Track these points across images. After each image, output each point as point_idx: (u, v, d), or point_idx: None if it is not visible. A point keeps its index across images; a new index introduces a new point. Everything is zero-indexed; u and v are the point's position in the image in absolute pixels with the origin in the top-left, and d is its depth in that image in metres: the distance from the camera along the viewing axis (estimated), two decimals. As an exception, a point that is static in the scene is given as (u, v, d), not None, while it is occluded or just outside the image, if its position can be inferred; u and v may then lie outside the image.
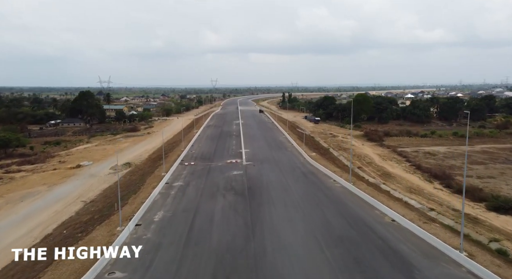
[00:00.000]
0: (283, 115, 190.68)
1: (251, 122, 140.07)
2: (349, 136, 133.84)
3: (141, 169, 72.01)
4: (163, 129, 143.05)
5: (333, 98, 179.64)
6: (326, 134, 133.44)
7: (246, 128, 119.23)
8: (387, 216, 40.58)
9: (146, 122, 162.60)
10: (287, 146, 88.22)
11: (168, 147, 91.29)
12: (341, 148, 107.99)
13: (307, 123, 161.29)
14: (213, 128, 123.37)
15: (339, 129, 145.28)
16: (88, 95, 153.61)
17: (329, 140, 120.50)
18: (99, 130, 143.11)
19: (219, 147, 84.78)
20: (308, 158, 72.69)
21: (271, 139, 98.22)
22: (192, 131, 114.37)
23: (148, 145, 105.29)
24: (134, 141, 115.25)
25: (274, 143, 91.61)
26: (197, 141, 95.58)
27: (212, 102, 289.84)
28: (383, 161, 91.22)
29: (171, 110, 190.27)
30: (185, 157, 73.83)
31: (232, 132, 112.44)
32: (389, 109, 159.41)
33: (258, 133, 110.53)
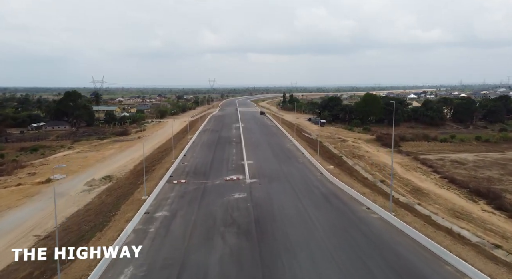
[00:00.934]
0: (285, 117, 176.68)
1: (253, 126, 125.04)
2: (360, 140, 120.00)
3: (121, 186, 57.81)
4: (156, 132, 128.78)
5: (338, 99, 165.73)
6: (334, 138, 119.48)
7: (247, 132, 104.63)
8: (461, 272, 26.81)
9: (138, 125, 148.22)
10: (297, 156, 73.71)
11: (156, 157, 77.20)
12: (355, 155, 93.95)
13: (311, 126, 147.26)
14: (210, 133, 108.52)
15: (348, 133, 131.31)
16: (74, 95, 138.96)
17: (339, 145, 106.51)
18: (86, 134, 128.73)
19: (217, 158, 70.21)
20: (326, 173, 58.40)
21: (278, 147, 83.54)
22: (186, 137, 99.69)
23: (136, 153, 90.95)
24: (121, 147, 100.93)
25: (282, 152, 77.05)
26: (191, 149, 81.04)
27: (210, 103, 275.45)
28: (407, 172, 77.23)
29: (165, 112, 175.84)
30: (175, 172, 59.40)
31: (231, 138, 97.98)
32: (400, 111, 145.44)
33: (261, 139, 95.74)
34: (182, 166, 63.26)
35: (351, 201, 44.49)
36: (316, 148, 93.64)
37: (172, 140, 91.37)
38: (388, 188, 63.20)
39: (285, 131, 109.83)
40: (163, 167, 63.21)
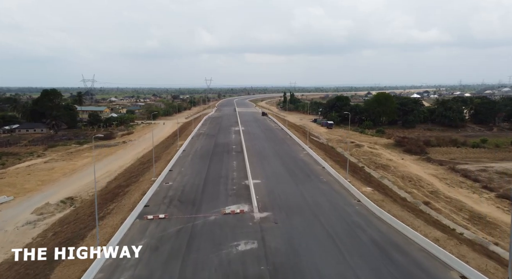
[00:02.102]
0: (287, 118, 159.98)
1: (255, 129, 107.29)
2: (377, 145, 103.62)
3: (78, 218, 41.08)
4: (144, 136, 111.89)
5: (347, 98, 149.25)
6: (346, 143, 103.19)
7: (249, 138, 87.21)
8: None
9: (125, 127, 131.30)
10: (317, 172, 55.86)
11: (136, 171, 60.42)
12: (378, 165, 77.45)
13: (318, 128, 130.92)
14: (205, 139, 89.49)
15: (360, 136, 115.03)
16: (53, 95, 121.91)
17: (354, 151, 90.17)
18: (65, 138, 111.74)
19: (212, 175, 52.04)
20: (365, 200, 40.73)
21: (289, 158, 66.01)
22: (175, 144, 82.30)
23: (115, 163, 74.16)
24: (100, 154, 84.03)
25: (296, 166, 59.46)
26: (180, 161, 62.22)
27: (206, 103, 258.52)
28: (451, 189, 60.69)
29: (158, 112, 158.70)
30: (153, 198, 41.60)
31: (230, 145, 79.27)
32: (416, 111, 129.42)
33: (267, 146, 78.31)
34: (164, 188, 45.78)
35: (426, 259, 27.61)
36: (335, 157, 76.77)
37: (160, 150, 74.73)
38: (428, 208, 46.59)
39: (294, 136, 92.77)
40: (139, 189, 46.18)
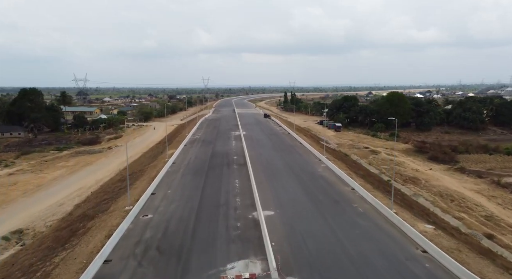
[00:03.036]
0: (290, 119, 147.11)
1: (258, 134, 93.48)
2: (396, 152, 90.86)
3: (19, 268, 28.05)
4: (133, 141, 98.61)
5: (355, 99, 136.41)
6: (360, 148, 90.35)
7: (252, 146, 74.12)
8: None
9: (114, 130, 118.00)
10: (347, 196, 42.13)
11: (112, 191, 47.20)
12: (404, 177, 64.65)
13: (325, 131, 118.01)
14: (200, 147, 74.97)
15: (373, 140, 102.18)
16: (33, 94, 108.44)
17: (372, 159, 77.29)
18: (45, 143, 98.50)
19: (207, 203, 38.53)
20: (437, 251, 26.87)
21: (306, 174, 51.78)
22: (164, 153, 68.69)
23: (91, 177, 60.98)
24: (76, 165, 70.83)
25: (318, 187, 45.43)
26: (167, 179, 48.04)
27: (203, 103, 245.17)
28: (509, 213, 48.06)
29: (150, 114, 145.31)
30: (122, 244, 28.18)
31: (230, 155, 65.31)
32: (432, 113, 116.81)
33: (275, 157, 64.56)
34: (140, 225, 31.75)
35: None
36: (357, 169, 62.84)
37: (146, 160, 61.45)
38: (506, 251, 33.17)
39: (305, 143, 79.06)
40: (105, 225, 32.85)
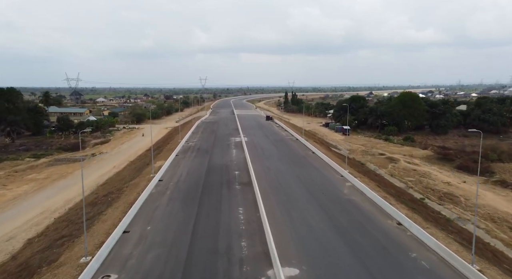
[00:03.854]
0: (292, 121, 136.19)
1: (262, 140, 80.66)
2: (415, 159, 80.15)
3: None
4: (120, 147, 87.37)
5: (363, 99, 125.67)
6: (374, 154, 79.46)
7: (257, 156, 61.28)
8: None
9: (102, 134, 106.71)
10: (394, 235, 28.74)
11: (73, 225, 36.10)
12: (436, 192, 53.81)
13: (331, 134, 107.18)
14: (194, 157, 61.31)
15: (387, 145, 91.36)
16: (10, 95, 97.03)
17: (391, 169, 66.27)
18: (23, 149, 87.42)
19: (199, 252, 25.39)
20: None
21: (332, 199, 38.63)
22: (150, 167, 56.66)
23: (63, 194, 49.74)
24: (50, 176, 59.53)
25: (354, 223, 32.09)
26: (147, 207, 35.40)
27: (201, 104, 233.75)
28: None
29: (143, 115, 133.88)
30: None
31: (231, 169, 51.72)
32: (449, 114, 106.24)
33: (286, 172, 51.10)
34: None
35: None
36: (390, 187, 51.55)
37: (129, 174, 50.16)
38: None
39: (318, 152, 67.06)
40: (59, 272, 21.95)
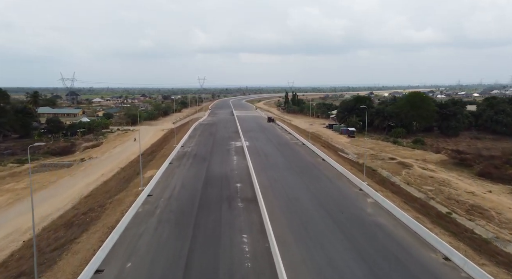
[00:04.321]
0: (294, 122, 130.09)
1: (265, 146, 73.44)
2: (430, 164, 74.01)
3: None
4: (112, 151, 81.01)
5: (369, 99, 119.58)
6: (384, 159, 73.41)
7: (261, 164, 54.76)
8: None
9: (95, 136, 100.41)
10: (443, 275, 23.41)
11: (45, 251, 29.98)
12: (462, 204, 47.71)
13: (336, 136, 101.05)
14: (190, 166, 54.71)
15: (396, 148, 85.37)
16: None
17: (406, 175, 60.08)
18: (7, 152, 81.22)
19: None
20: None
21: (355, 222, 32.35)
22: (139, 178, 49.81)
23: (44, 206, 43.50)
24: (30, 187, 53.14)
25: (385, 255, 25.94)
26: (130, 234, 28.49)
27: (199, 104, 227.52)
28: None
29: (139, 116, 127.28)
30: None
31: (231, 181, 45.51)
32: (460, 116, 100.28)
33: (295, 185, 44.00)
34: None
35: None
36: (417, 204, 44.90)
37: (116, 185, 43.85)
38: None
39: (330, 160, 58.51)
40: None
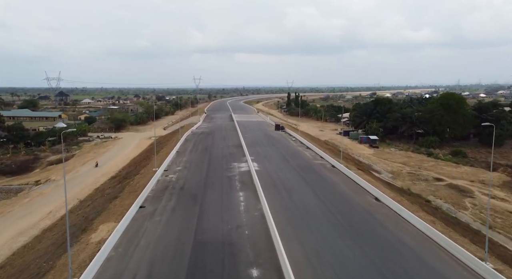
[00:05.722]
0: (301, 128, 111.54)
1: (280, 169, 49.23)
2: (495, 189, 56.07)
3: None
4: (78, 171, 62.41)
5: (390, 101, 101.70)
6: (428, 180, 55.48)
7: (283, 208, 31.69)
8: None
9: (67, 146, 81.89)
10: None
11: None
12: None
13: (355, 146, 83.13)
14: (170, 216, 31.06)
15: (436, 163, 67.74)
16: None
17: (472, 208, 42.51)
18: None
19: None
20: None
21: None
22: (102, 219, 31.74)
23: None
24: None
25: None
26: None
27: (194, 105, 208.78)
28: None
29: (124, 121, 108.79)
30: None
31: (239, 256, 23.49)
32: (504, 121, 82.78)
33: (358, 263, 23.25)
34: None
35: None
36: None
37: (59, 239, 25.94)
38: None
39: (390, 201, 34.46)
40: None
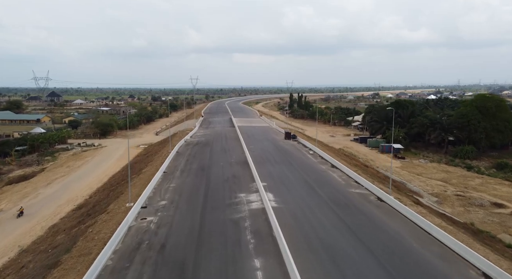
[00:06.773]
0: (308, 133, 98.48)
1: (310, 209, 29.76)
2: None
3: None
4: (40, 193, 48.71)
5: (412, 104, 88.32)
6: (485, 206, 42.43)
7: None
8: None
9: (39, 156, 68.28)
10: None
11: None
12: None
13: (376, 156, 70.04)
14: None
15: (483, 180, 54.82)
16: None
17: None
18: None
19: None
20: None
21: None
22: None
23: None
24: None
25: None
26: None
27: (191, 106, 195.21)
28: None
29: (110, 126, 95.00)
30: None
31: None
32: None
33: None
34: None
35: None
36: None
37: None
38: None
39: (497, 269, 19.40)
40: None
